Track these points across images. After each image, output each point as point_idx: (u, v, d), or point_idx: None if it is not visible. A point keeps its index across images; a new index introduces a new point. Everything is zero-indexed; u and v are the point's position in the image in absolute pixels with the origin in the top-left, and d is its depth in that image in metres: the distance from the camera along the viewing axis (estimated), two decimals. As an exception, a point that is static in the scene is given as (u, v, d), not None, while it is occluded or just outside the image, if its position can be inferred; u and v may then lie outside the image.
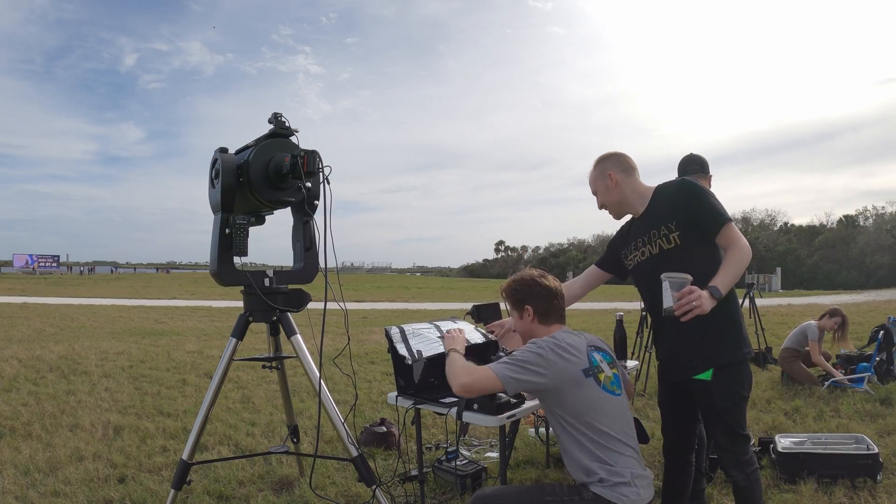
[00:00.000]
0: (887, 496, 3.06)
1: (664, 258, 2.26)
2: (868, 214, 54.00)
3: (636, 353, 5.70)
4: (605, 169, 2.38)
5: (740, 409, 2.23)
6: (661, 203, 2.30)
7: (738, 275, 2.13)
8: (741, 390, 2.22)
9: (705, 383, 2.20)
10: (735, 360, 2.21)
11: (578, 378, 2.00)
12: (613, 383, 2.10)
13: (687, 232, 2.21)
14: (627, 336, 3.29)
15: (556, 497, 1.94)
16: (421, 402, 2.52)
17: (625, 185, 2.36)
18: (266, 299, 2.65)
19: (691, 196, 2.21)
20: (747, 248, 2.15)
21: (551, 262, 78.95)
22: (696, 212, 2.19)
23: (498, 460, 3.14)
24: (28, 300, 20.43)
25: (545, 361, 1.98)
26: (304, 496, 3.10)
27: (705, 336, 2.19)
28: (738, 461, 2.21)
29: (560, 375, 1.98)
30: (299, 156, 2.44)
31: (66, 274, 58.73)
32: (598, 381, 2.04)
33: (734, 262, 2.12)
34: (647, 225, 2.33)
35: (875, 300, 19.95)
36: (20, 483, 3.29)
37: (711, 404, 2.23)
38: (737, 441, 2.22)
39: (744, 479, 2.21)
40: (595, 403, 2.00)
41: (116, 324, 12.75)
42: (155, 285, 36.18)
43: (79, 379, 6.26)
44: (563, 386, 1.99)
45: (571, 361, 2.01)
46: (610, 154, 2.41)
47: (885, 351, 5.93)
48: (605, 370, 2.10)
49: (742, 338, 2.24)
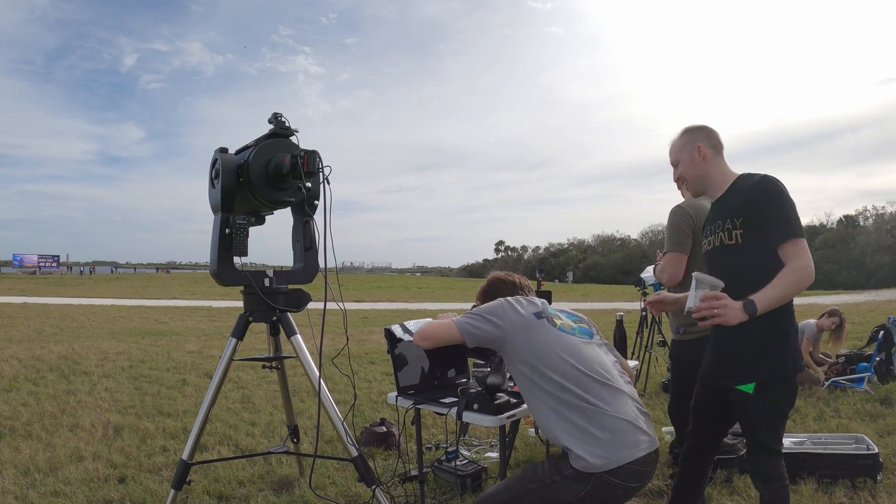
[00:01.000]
0: (887, 496, 3.06)
1: (721, 254, 2.16)
2: (868, 214, 54.09)
3: (636, 353, 5.70)
4: (694, 140, 2.24)
5: (777, 424, 2.11)
6: (736, 194, 2.15)
7: (784, 296, 1.97)
8: (782, 406, 2.10)
9: (746, 395, 2.09)
10: (779, 376, 2.07)
11: (529, 320, 2.00)
12: (574, 330, 2.05)
13: (750, 233, 2.07)
14: (627, 336, 3.29)
15: (538, 482, 1.88)
16: (421, 402, 2.52)
17: (711, 162, 2.23)
18: (266, 299, 2.65)
19: (765, 197, 2.05)
20: (806, 269, 1.96)
21: (551, 261, 78.93)
22: (765, 215, 2.03)
23: (498, 460, 3.14)
24: (28, 300, 20.43)
25: (500, 311, 2.03)
26: (304, 496, 3.10)
27: (749, 348, 2.07)
28: (766, 476, 2.10)
29: (513, 324, 1.99)
30: (299, 156, 2.44)
31: (66, 274, 58.69)
32: (553, 323, 2.03)
33: (784, 281, 1.96)
34: (718, 213, 2.20)
35: (875, 300, 19.93)
36: (20, 483, 3.29)
37: (748, 417, 2.12)
38: (767, 455, 2.11)
39: (768, 494, 2.10)
40: (553, 341, 1.95)
41: (116, 324, 12.75)
42: (155, 285, 36.17)
43: (79, 379, 6.26)
44: (517, 332, 1.98)
45: (524, 309, 2.03)
46: (701, 126, 2.27)
47: (884, 351, 5.94)
48: (564, 319, 2.08)
49: (789, 353, 2.08)
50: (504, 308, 2.04)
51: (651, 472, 1.90)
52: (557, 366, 1.90)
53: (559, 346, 1.94)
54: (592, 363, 1.94)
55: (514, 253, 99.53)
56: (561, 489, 1.82)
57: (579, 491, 1.80)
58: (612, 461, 1.78)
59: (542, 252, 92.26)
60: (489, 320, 2.01)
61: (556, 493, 1.83)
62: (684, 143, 2.27)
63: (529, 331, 1.98)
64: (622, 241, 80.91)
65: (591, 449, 1.80)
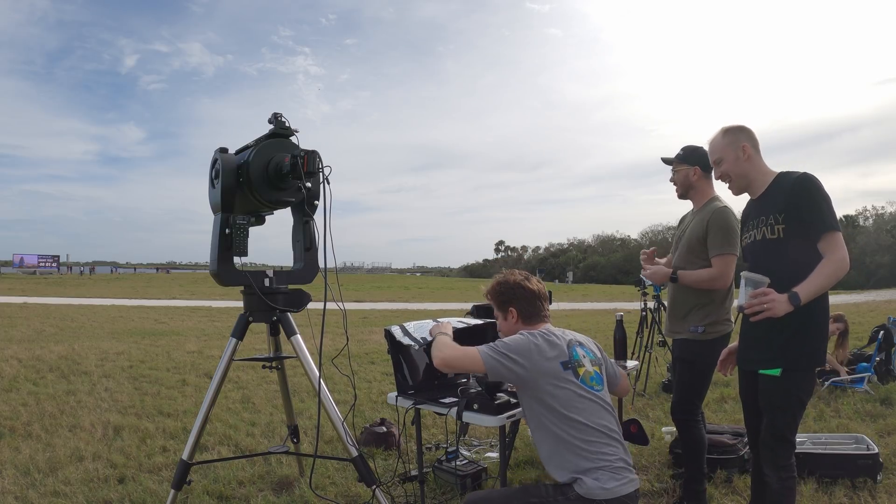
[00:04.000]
0: (887, 496, 3.06)
1: (764, 247, 2.28)
2: (868, 214, 54.12)
3: (636, 353, 5.70)
4: (739, 139, 2.35)
5: (794, 413, 2.21)
6: (777, 191, 2.27)
7: (824, 286, 2.11)
8: (802, 396, 2.21)
9: (772, 378, 2.21)
10: (802, 367, 2.19)
11: (556, 371, 2.04)
12: (594, 379, 2.12)
13: (791, 227, 2.19)
14: (627, 336, 3.29)
15: (541, 498, 1.97)
16: (421, 402, 2.52)
17: (754, 161, 2.34)
18: (266, 299, 2.65)
19: (804, 193, 2.18)
20: (843, 261, 2.11)
21: (551, 262, 78.98)
22: (805, 210, 2.17)
23: (498, 460, 3.13)
24: (28, 300, 20.42)
25: (527, 353, 2.04)
26: (304, 496, 3.10)
27: (778, 336, 2.19)
28: (777, 464, 2.20)
29: (538, 368, 2.03)
30: (299, 156, 2.44)
31: (66, 274, 58.70)
32: (577, 374, 2.08)
33: (823, 272, 2.10)
34: (759, 209, 2.33)
35: (875, 300, 19.93)
36: (20, 483, 3.29)
37: (770, 401, 2.23)
38: (781, 443, 2.21)
39: (777, 482, 2.19)
40: (573, 397, 2.03)
41: (116, 324, 12.75)
42: (155, 285, 36.18)
43: (79, 379, 6.26)
44: (541, 379, 2.03)
45: (551, 356, 2.05)
46: (743, 126, 2.38)
47: (884, 351, 5.93)
48: (587, 366, 2.13)
49: (815, 346, 2.21)
50: (530, 349, 2.06)
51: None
52: (572, 416, 2.01)
53: (578, 402, 2.04)
54: (601, 420, 2.05)
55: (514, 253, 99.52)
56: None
57: None
58: (611, 492, 1.93)
59: (542, 252, 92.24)
60: (517, 361, 2.03)
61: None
62: (728, 142, 2.36)
63: (556, 380, 2.04)
64: (622, 241, 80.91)
65: (594, 483, 1.94)
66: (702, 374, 2.90)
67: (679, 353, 3.00)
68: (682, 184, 3.00)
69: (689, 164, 2.96)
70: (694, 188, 2.98)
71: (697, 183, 2.96)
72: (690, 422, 2.93)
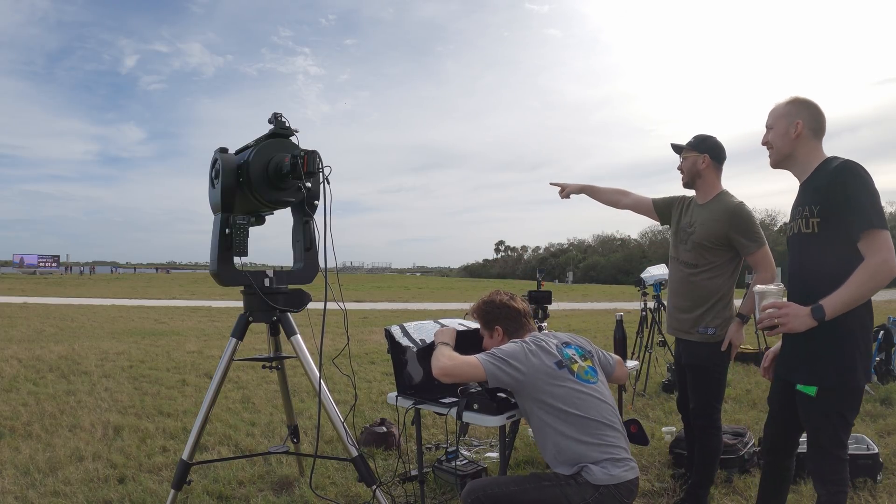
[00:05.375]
0: (887, 496, 3.06)
1: (799, 242, 2.08)
2: (868, 214, 53.93)
3: (636, 353, 5.71)
4: (796, 114, 2.11)
5: (839, 430, 2.01)
6: (818, 178, 2.04)
7: (857, 297, 1.87)
8: (845, 414, 2.01)
9: (808, 397, 2.02)
10: (842, 385, 1.98)
11: (552, 371, 2.12)
12: (588, 373, 2.20)
13: (827, 222, 1.96)
14: (627, 336, 3.29)
15: (552, 482, 2.04)
16: (421, 402, 2.52)
17: (804, 142, 2.10)
18: (266, 299, 2.65)
19: (841, 183, 1.92)
20: (884, 264, 1.84)
21: (551, 261, 79.00)
22: (843, 203, 1.91)
23: (498, 460, 3.13)
24: (28, 300, 20.42)
25: (524, 357, 2.13)
26: (304, 496, 3.10)
27: (814, 349, 2.00)
28: (824, 479, 2.04)
29: (536, 370, 2.11)
30: (299, 156, 2.44)
31: (66, 274, 58.69)
32: (572, 371, 2.16)
33: (857, 281, 1.86)
34: (801, 197, 2.13)
35: (875, 300, 19.61)
36: (20, 483, 3.29)
37: (809, 419, 2.07)
38: (827, 460, 2.03)
39: (826, 497, 2.03)
40: (572, 393, 2.10)
41: (116, 324, 12.74)
42: (155, 285, 36.17)
43: (79, 379, 6.25)
44: (539, 379, 2.10)
45: (545, 358, 2.14)
46: (811, 103, 2.13)
47: (884, 351, 5.93)
48: (579, 362, 2.21)
49: (857, 360, 1.97)
50: (527, 354, 2.14)
51: (635, 492, 2.11)
52: (574, 411, 2.08)
53: (577, 396, 2.11)
54: (601, 411, 2.12)
55: (514, 253, 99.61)
56: (574, 490, 2.00)
57: (588, 497, 1.99)
58: (616, 478, 2.01)
59: (542, 252, 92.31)
60: (516, 367, 2.11)
61: (568, 493, 2.00)
62: (786, 112, 2.14)
63: (553, 378, 2.11)
64: (622, 241, 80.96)
65: (600, 470, 2.02)
66: (718, 379, 2.84)
67: (689, 359, 2.89)
68: (690, 171, 2.89)
69: (700, 151, 2.86)
70: (701, 177, 2.87)
71: (705, 172, 2.86)
72: (711, 429, 2.85)
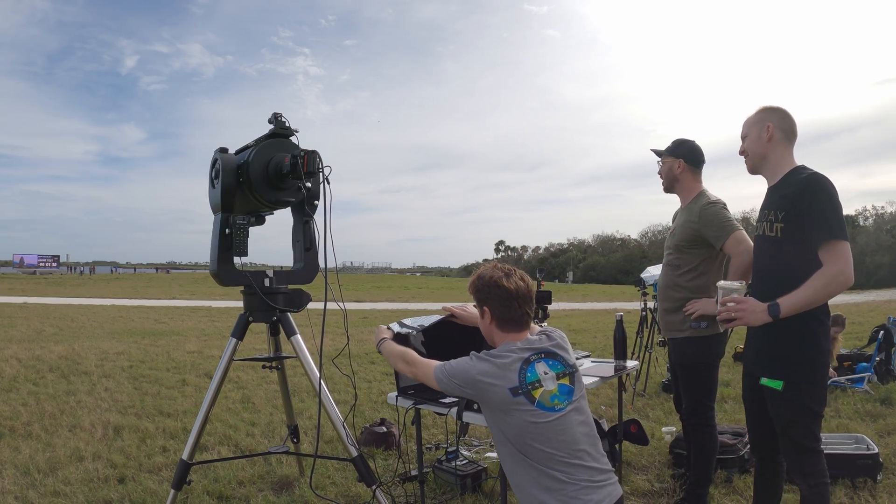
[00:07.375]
0: (887, 496, 3.06)
1: (763, 243, 2.20)
2: (868, 214, 54.19)
3: (636, 353, 5.70)
4: (766, 119, 2.22)
5: (810, 423, 2.10)
6: (785, 185, 2.14)
7: (813, 300, 1.98)
8: (813, 406, 2.10)
9: (776, 392, 2.11)
10: (806, 379, 2.08)
11: (504, 398, 1.84)
12: (555, 398, 1.86)
13: (789, 228, 2.07)
14: (627, 336, 3.29)
15: None
16: (421, 401, 2.52)
17: (776, 145, 2.20)
18: (266, 299, 2.65)
19: (807, 194, 2.03)
20: (840, 275, 1.94)
21: (551, 261, 78.99)
22: (805, 213, 2.02)
23: (498, 460, 3.13)
24: (28, 300, 20.42)
25: (472, 382, 1.89)
26: (304, 496, 3.10)
27: (779, 345, 2.11)
28: (804, 472, 2.10)
29: (484, 396, 1.89)
30: (299, 156, 2.44)
31: (65, 274, 58.67)
32: (532, 398, 1.84)
33: (814, 284, 1.96)
34: (768, 202, 2.22)
35: (875, 300, 19.92)
36: (20, 483, 3.29)
37: (778, 413, 2.15)
38: (802, 454, 2.11)
39: (806, 489, 2.10)
40: (523, 427, 1.82)
41: (116, 324, 12.75)
42: (155, 285, 36.17)
43: (79, 379, 6.26)
44: (490, 404, 1.89)
45: (497, 384, 1.85)
46: (780, 109, 2.24)
47: (884, 351, 5.93)
48: (546, 385, 1.87)
49: (818, 356, 2.08)
50: (475, 380, 1.88)
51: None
52: (533, 445, 1.82)
53: (529, 430, 1.83)
54: (563, 438, 1.83)
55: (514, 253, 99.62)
56: None
57: None
58: None
59: (542, 252, 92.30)
60: (459, 386, 1.93)
61: None
62: (757, 119, 2.25)
63: (506, 409, 1.85)
64: (622, 241, 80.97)
65: None
66: (708, 377, 2.84)
67: (678, 358, 2.91)
68: (668, 176, 2.96)
69: (675, 156, 2.92)
70: (679, 181, 2.93)
71: (682, 176, 2.91)
72: (704, 427, 2.86)
